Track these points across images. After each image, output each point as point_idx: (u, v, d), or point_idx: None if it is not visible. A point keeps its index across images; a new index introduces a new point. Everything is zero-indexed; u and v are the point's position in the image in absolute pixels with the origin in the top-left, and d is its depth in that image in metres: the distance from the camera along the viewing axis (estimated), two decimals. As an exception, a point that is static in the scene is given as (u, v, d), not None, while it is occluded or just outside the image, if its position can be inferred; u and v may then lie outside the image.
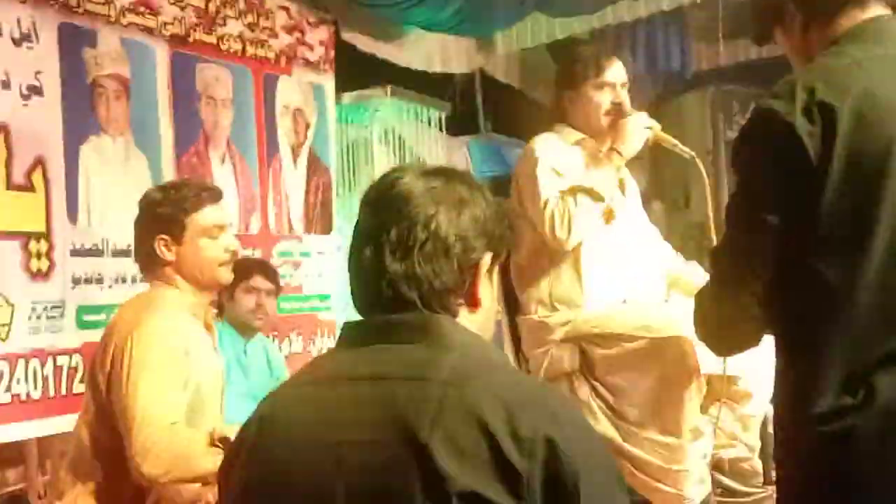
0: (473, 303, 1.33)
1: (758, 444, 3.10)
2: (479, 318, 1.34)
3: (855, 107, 1.41)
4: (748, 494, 3.01)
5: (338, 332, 3.89)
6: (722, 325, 1.56)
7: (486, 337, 1.37)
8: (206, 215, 2.37)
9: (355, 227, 1.35)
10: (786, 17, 1.59)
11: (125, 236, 3.37)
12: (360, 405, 1.24)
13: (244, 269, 3.19)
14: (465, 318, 1.32)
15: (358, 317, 1.38)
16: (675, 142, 2.99)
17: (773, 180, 1.43)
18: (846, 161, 1.39)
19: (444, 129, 5.00)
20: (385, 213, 1.30)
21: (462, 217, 1.30)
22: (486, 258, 1.33)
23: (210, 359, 2.41)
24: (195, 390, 2.31)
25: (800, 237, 1.43)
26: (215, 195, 2.44)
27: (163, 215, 2.37)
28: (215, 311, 2.56)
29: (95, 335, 3.12)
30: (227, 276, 2.44)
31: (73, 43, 3.30)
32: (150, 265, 2.41)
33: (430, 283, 1.28)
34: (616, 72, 3.03)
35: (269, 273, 3.40)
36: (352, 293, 1.36)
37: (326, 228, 4.39)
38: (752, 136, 1.51)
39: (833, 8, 1.53)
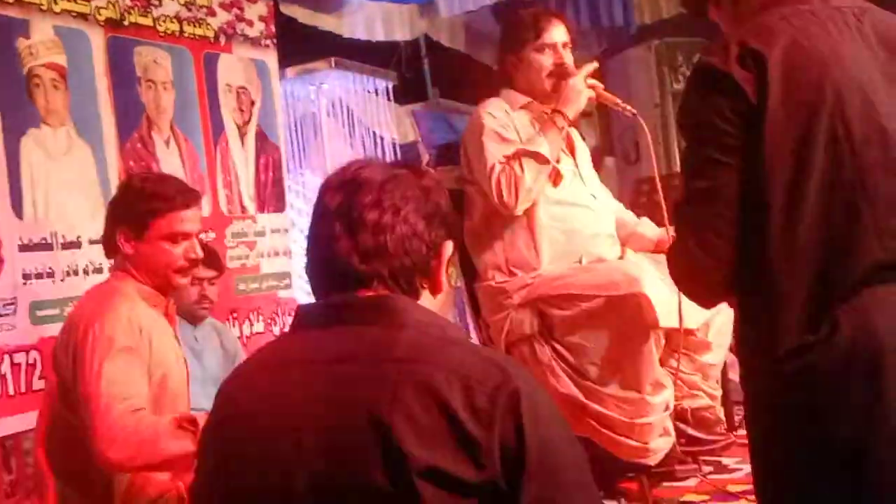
0: (436, 288, 1.37)
1: (719, 393, 3.15)
2: (437, 304, 1.38)
3: (784, 53, 1.49)
4: (712, 442, 3.07)
5: (298, 311, 3.80)
6: (696, 276, 1.58)
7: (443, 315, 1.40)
8: (172, 221, 2.34)
9: (317, 207, 1.36)
10: None
11: (74, 228, 3.34)
12: (316, 388, 1.24)
13: None
14: (424, 302, 1.35)
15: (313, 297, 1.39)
16: (617, 100, 3.01)
17: (720, 125, 1.49)
18: (781, 102, 1.47)
19: (392, 98, 4.96)
20: (354, 195, 1.32)
21: (427, 204, 1.35)
22: (448, 246, 1.38)
23: (173, 348, 2.40)
24: (160, 380, 2.30)
25: (750, 179, 1.48)
26: (191, 200, 2.40)
27: (131, 208, 2.35)
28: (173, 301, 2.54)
29: (51, 330, 3.09)
30: (181, 281, 2.42)
31: (6, 34, 3.22)
32: (111, 251, 2.41)
33: (401, 260, 1.31)
34: (556, 32, 3.02)
35: (211, 260, 3.32)
36: (313, 270, 1.37)
37: (279, 206, 4.36)
38: (694, 90, 1.58)
39: None
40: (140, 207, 2.34)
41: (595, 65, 3.02)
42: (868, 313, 1.45)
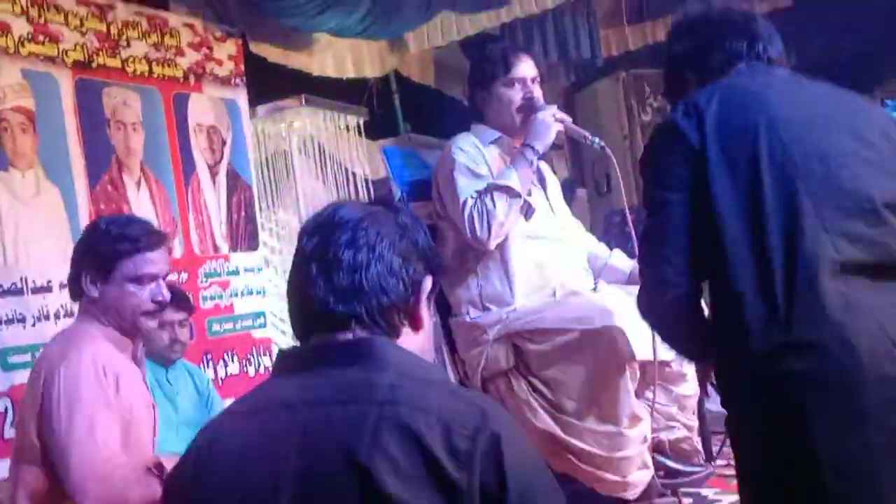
0: (417, 324, 1.37)
1: (695, 423, 3.15)
2: (419, 340, 1.38)
3: (720, 101, 1.75)
4: (691, 473, 3.06)
5: (274, 350, 3.83)
6: (656, 304, 1.74)
7: (426, 357, 1.39)
8: (138, 262, 2.31)
9: (296, 253, 1.37)
10: (687, 82, 1.93)
11: (44, 272, 3.30)
12: (297, 432, 1.24)
13: None
14: (406, 339, 1.35)
15: (294, 339, 1.38)
16: (585, 133, 3.04)
17: (670, 166, 1.74)
18: (719, 143, 1.70)
19: (363, 134, 4.97)
20: (329, 236, 1.33)
21: (403, 241, 1.35)
22: (428, 281, 1.37)
23: (141, 393, 2.37)
24: (126, 426, 2.26)
25: (703, 209, 1.68)
26: (157, 241, 2.37)
27: (97, 251, 2.31)
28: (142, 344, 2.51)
29: (23, 376, 3.04)
30: (149, 324, 2.39)
31: (-29, 78, 3.21)
32: (77, 294, 2.37)
33: (378, 298, 1.31)
34: (525, 67, 3.05)
35: (181, 302, 3.28)
36: (292, 312, 1.37)
37: (252, 245, 4.34)
38: (651, 143, 1.83)
39: (721, 68, 1.87)
40: (105, 249, 2.30)
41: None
42: (842, 321, 1.54)
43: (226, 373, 4.05)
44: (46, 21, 3.48)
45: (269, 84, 4.58)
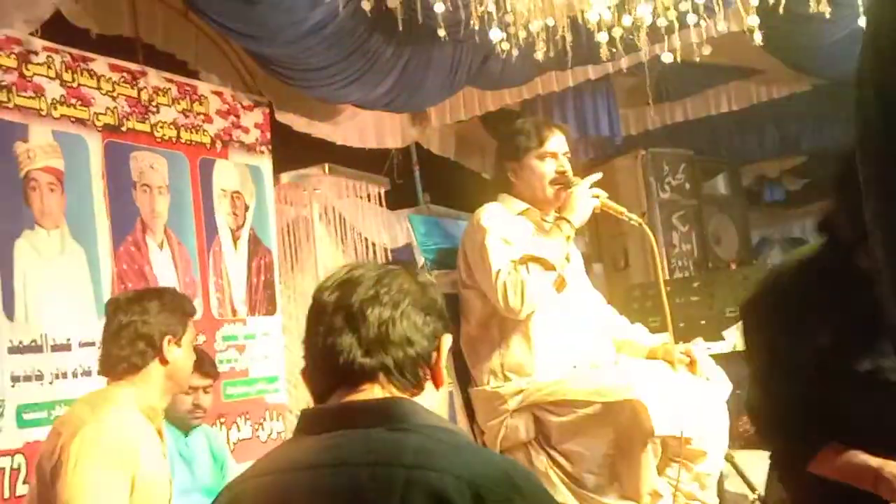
0: (438, 380, 1.37)
1: (716, 503, 3.10)
2: (438, 397, 1.38)
3: None
4: (711, 554, 3.00)
5: (287, 415, 3.80)
6: None
7: (442, 414, 1.39)
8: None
9: (314, 308, 1.36)
10: None
11: (64, 330, 3.32)
12: (321, 494, 1.22)
13: None
14: (428, 394, 1.35)
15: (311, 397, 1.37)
16: (623, 209, 3.04)
17: None
18: None
19: (383, 203, 5.02)
20: (353, 293, 1.33)
21: (425, 297, 1.36)
22: (447, 339, 1.38)
23: (159, 464, 2.37)
24: (141, 496, 2.25)
25: None
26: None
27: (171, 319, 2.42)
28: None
29: (37, 433, 3.04)
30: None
31: (4, 138, 3.26)
32: (126, 362, 2.39)
33: (405, 350, 1.31)
34: (558, 142, 3.08)
35: (206, 368, 3.26)
36: (314, 368, 1.36)
37: (271, 310, 4.35)
38: None
39: None
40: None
41: (599, 175, 3.06)
42: None
43: (238, 437, 4.02)
44: (79, 85, 3.55)
45: (293, 152, 4.64)
